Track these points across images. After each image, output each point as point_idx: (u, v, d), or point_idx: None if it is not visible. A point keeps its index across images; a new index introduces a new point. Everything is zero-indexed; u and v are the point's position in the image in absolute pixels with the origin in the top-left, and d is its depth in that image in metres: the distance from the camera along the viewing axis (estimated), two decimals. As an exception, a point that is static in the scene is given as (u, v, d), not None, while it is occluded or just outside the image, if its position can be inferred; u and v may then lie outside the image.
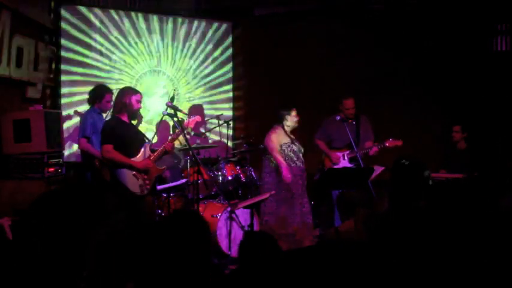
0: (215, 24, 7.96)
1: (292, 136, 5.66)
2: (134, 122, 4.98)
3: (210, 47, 7.90)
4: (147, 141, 4.94)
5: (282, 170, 5.41)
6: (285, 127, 5.62)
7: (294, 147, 5.58)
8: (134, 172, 4.68)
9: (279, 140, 5.56)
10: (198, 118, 5.09)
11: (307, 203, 5.62)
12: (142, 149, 4.80)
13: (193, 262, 2.07)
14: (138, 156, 4.75)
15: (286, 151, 5.53)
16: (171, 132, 6.58)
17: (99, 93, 5.55)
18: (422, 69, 7.50)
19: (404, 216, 2.64)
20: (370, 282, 2.32)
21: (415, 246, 2.42)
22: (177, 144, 5.54)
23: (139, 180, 4.69)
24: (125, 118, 4.78)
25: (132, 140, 4.78)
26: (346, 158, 6.07)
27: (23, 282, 2.11)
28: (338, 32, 7.70)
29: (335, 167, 6.09)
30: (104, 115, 5.59)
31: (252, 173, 6.35)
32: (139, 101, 4.82)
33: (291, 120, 5.60)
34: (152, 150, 4.87)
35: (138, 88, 7.34)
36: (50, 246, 2.17)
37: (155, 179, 4.88)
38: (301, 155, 5.64)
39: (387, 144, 5.94)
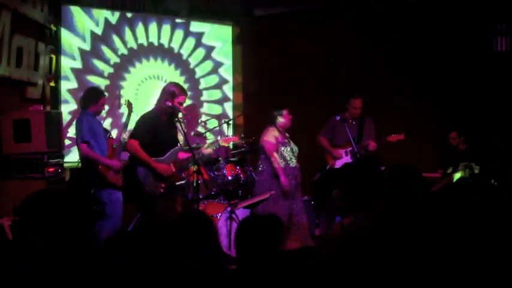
0: (215, 25, 7.96)
1: (287, 135, 5.65)
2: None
3: (209, 47, 7.91)
4: (178, 146, 4.89)
5: (281, 179, 5.37)
6: (278, 127, 5.60)
7: (289, 146, 5.56)
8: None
9: (275, 139, 5.51)
10: (235, 139, 5.22)
11: (300, 202, 5.59)
12: (169, 152, 4.75)
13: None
14: (163, 158, 4.70)
15: (280, 150, 5.51)
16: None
17: (94, 97, 5.33)
18: (422, 69, 7.49)
19: (402, 211, 2.75)
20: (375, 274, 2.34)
21: (412, 240, 2.46)
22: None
23: (154, 181, 4.66)
24: (164, 117, 4.74)
25: (163, 141, 4.73)
26: (348, 154, 6.08)
27: (23, 282, 2.11)
28: (338, 32, 7.69)
29: (337, 162, 6.10)
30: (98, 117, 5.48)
31: (252, 173, 6.35)
32: (181, 103, 4.74)
33: (282, 120, 5.58)
34: None
35: (137, 88, 7.27)
36: (50, 246, 2.17)
37: (171, 185, 4.84)
38: (295, 154, 5.59)
39: (389, 139, 5.95)
